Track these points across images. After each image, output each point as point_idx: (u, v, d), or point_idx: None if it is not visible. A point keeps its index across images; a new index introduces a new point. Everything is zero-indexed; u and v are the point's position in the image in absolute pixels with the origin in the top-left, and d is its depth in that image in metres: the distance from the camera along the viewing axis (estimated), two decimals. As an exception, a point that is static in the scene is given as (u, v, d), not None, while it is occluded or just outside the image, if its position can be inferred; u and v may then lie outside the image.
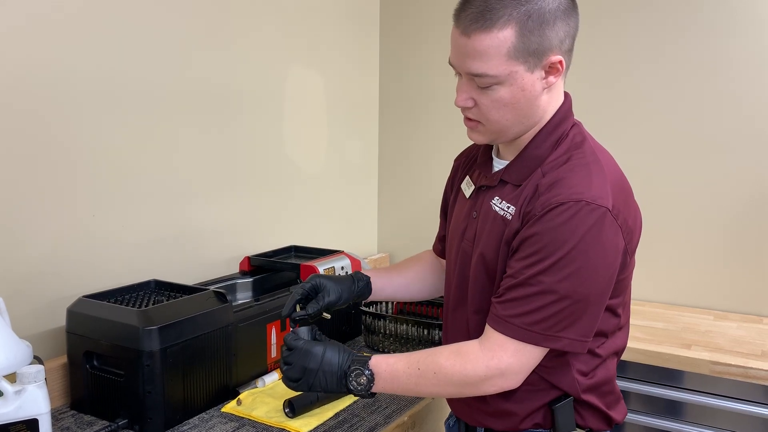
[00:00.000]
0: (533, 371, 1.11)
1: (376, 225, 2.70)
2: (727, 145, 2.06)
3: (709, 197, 2.10)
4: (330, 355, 1.12)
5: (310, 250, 2.00)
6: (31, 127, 1.44)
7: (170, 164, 1.75)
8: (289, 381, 1.14)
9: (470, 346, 1.10)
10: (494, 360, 1.06)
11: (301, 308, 1.27)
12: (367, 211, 2.65)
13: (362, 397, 1.13)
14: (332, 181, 2.39)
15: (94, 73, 1.54)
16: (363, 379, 1.11)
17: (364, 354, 1.15)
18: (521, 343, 1.05)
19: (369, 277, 1.37)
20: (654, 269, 2.18)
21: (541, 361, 1.10)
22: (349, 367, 1.11)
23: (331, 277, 1.32)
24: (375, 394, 1.13)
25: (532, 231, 1.05)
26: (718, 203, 2.09)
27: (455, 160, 1.39)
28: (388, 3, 2.56)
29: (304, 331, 1.17)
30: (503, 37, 1.03)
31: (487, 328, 1.09)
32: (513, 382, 1.08)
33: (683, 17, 2.08)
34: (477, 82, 1.08)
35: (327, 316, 1.30)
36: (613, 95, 2.21)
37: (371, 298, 1.38)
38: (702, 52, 2.07)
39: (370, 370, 1.11)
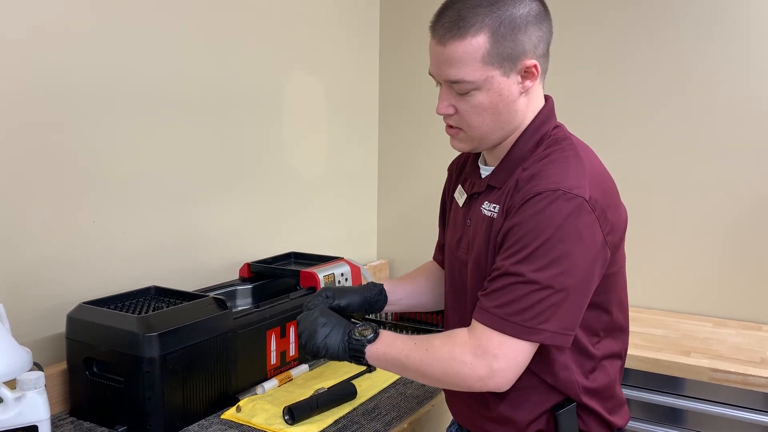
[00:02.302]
0: (532, 373, 1.11)
1: (375, 231, 2.70)
2: (727, 152, 2.07)
3: (708, 204, 2.11)
4: (342, 319, 1.22)
5: (309, 256, 2.00)
6: (31, 133, 1.44)
7: (170, 170, 1.76)
8: (300, 336, 1.22)
9: (460, 331, 1.11)
10: (480, 349, 1.05)
11: None
12: (367, 218, 2.65)
13: (357, 360, 1.17)
14: (332, 187, 2.39)
15: (94, 77, 1.55)
16: (368, 332, 1.16)
17: None
18: (504, 335, 1.04)
19: (382, 285, 1.40)
20: (653, 276, 2.18)
21: (539, 361, 1.10)
22: (357, 324, 1.19)
23: (343, 287, 1.37)
24: (372, 368, 1.20)
25: (512, 222, 1.07)
26: (718, 210, 2.10)
27: (449, 168, 1.41)
28: (387, 8, 2.57)
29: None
30: (477, 43, 1.06)
31: (473, 320, 1.10)
32: (502, 380, 1.05)
33: (682, 20, 2.10)
34: (456, 88, 1.11)
35: None
36: (612, 101, 2.21)
37: (388, 307, 1.41)
38: (701, 57, 2.08)
39: (377, 330, 1.17)
